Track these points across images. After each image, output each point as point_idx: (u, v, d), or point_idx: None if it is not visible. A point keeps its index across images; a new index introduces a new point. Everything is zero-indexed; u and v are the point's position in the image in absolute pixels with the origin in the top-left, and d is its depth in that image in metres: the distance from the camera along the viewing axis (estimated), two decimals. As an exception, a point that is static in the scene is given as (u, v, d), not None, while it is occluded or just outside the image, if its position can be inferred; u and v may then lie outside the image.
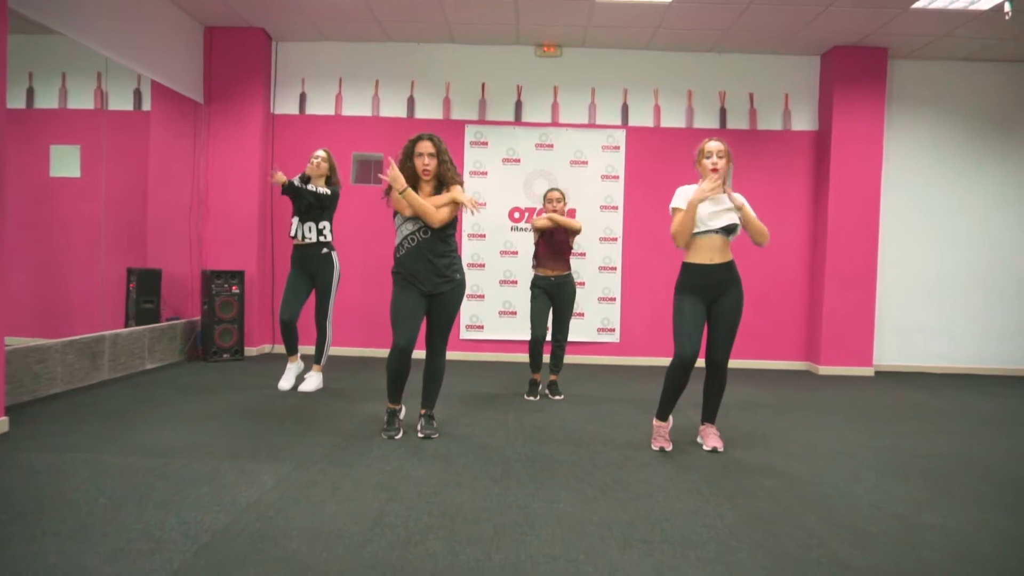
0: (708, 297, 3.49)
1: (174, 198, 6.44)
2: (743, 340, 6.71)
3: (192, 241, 6.46)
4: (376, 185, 6.60)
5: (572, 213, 6.61)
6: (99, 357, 4.96)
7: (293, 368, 4.97)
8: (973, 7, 5.36)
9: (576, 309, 6.56)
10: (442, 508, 2.63)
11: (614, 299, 6.70)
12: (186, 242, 6.44)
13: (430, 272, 3.54)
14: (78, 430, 3.60)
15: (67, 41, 4.82)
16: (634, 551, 2.29)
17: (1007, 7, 5.15)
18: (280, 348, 6.64)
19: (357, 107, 6.72)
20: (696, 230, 3.46)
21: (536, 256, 4.80)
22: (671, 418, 3.66)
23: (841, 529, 2.54)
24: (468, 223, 6.65)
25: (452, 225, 3.65)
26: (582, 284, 6.53)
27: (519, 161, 6.68)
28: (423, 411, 3.77)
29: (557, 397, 4.85)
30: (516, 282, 6.63)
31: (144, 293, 5.94)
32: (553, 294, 4.75)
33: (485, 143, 6.68)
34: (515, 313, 6.64)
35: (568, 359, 6.27)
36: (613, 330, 6.70)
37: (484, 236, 6.68)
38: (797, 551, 2.33)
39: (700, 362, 3.47)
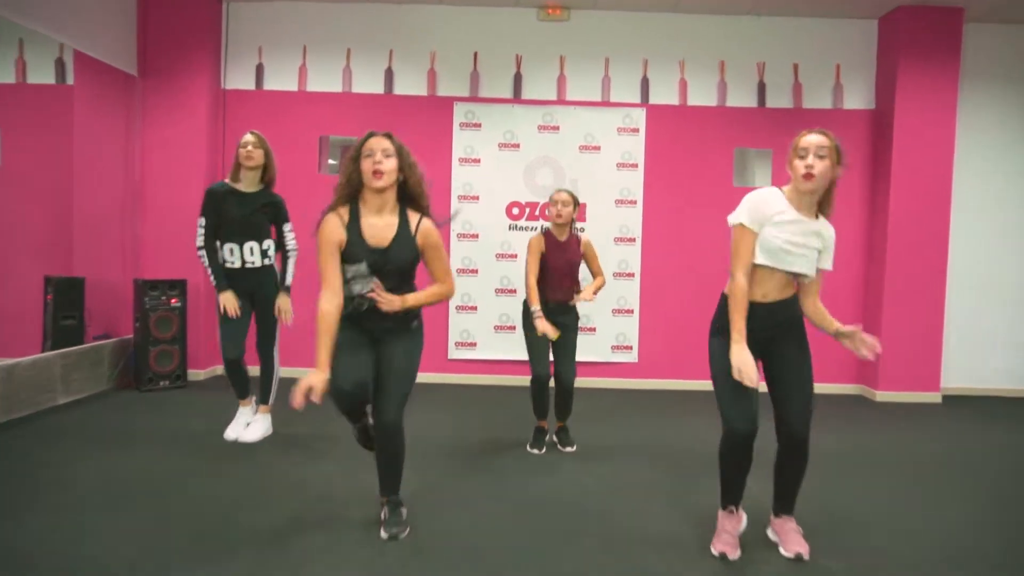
0: (761, 345, 2.45)
1: (104, 191, 5.35)
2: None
3: (125, 243, 5.38)
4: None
5: (583, 210, 5.56)
6: (-13, 396, 3.91)
7: (246, 412, 3.92)
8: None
9: (588, 323, 5.57)
10: None
11: (631, 311, 5.64)
12: (118, 245, 5.36)
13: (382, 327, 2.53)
14: (-99, 529, 2.55)
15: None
16: None
17: None
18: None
19: (325, 81, 5.61)
20: (761, 261, 2.41)
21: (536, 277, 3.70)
22: (742, 510, 2.63)
23: None
24: (457, 221, 5.57)
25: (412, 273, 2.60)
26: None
27: (518, 146, 5.59)
28: (384, 499, 2.71)
29: (568, 448, 3.80)
30: (515, 291, 5.57)
31: (64, 307, 4.87)
32: (554, 324, 3.66)
33: (478, 125, 5.58)
34: (513, 328, 5.58)
35: (579, 382, 5.24)
36: (630, 348, 5.65)
37: (477, 237, 5.60)
38: None
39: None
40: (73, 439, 3.75)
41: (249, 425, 3.87)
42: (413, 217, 2.52)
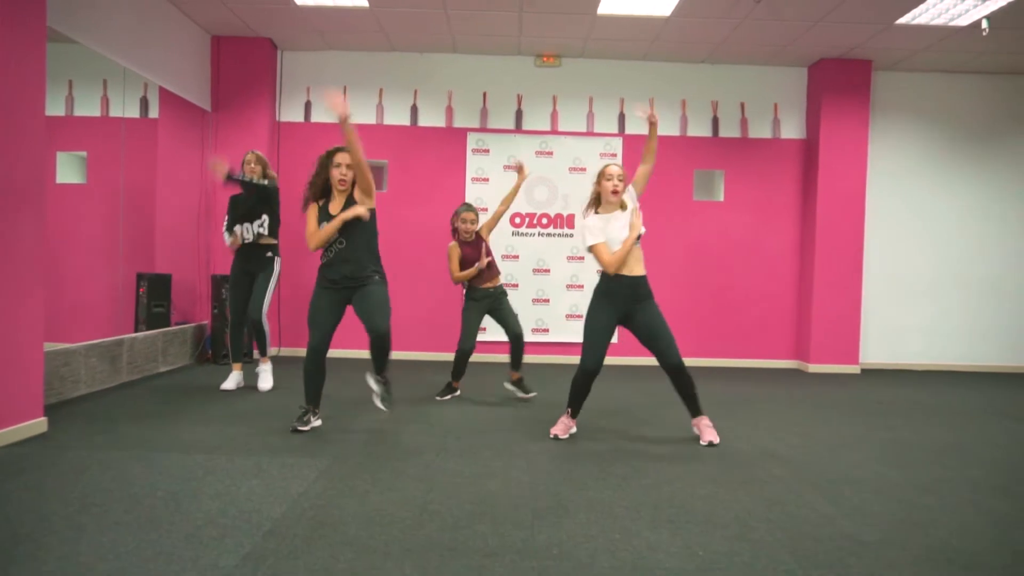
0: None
1: (182, 205, 6.55)
2: (736, 339, 7.01)
3: (199, 247, 6.58)
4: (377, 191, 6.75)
5: (571, 219, 6.85)
6: (118, 360, 5.08)
7: (239, 376, 5.05)
8: (953, 23, 5.68)
9: (574, 311, 6.87)
10: (480, 496, 2.82)
11: (612, 301, 6.93)
12: (194, 247, 6.56)
13: (348, 274, 3.73)
14: (116, 430, 3.74)
15: (73, 49, 4.92)
16: (664, 530, 2.51)
17: (984, 24, 5.47)
18: (287, 351, 6.79)
19: (362, 115, 6.88)
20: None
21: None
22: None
23: (849, 510, 2.77)
24: (470, 228, 6.83)
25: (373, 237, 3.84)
26: (580, 287, 6.80)
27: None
28: (377, 377, 3.78)
29: (531, 394, 4.90)
30: (517, 285, 6.83)
31: (155, 297, 6.04)
32: (490, 307, 4.87)
33: (486, 150, 6.88)
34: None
35: (564, 359, 6.51)
36: (611, 331, 6.93)
37: (486, 241, 6.87)
38: (811, 529, 2.56)
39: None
40: (190, 390, 4.95)
41: (259, 375, 5.02)
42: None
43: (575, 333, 6.77)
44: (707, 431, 3.81)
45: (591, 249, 3.76)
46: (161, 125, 6.60)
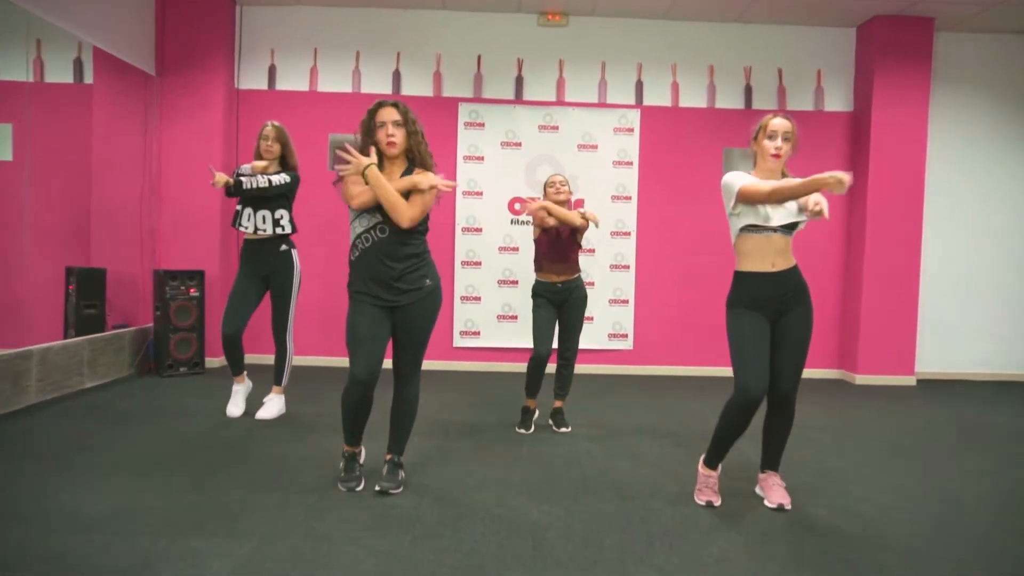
0: (770, 313, 2.77)
1: (122, 186, 5.54)
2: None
3: (143, 236, 5.59)
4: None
5: (579, 204, 5.87)
6: (24, 377, 4.10)
7: (241, 390, 4.13)
8: (1046, -32, 4.69)
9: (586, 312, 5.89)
10: (463, 623, 1.87)
11: (627, 301, 5.95)
12: (136, 237, 5.57)
13: (388, 280, 2.77)
14: (-25, 486, 2.78)
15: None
16: None
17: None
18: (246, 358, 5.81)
19: (335, 82, 5.87)
20: (748, 222, 2.75)
21: (536, 258, 4.00)
22: (720, 466, 2.92)
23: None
24: (462, 216, 5.86)
25: (420, 223, 2.84)
26: (591, 284, 5.81)
27: (520, 145, 5.88)
28: (388, 456, 2.97)
29: (563, 429, 4.00)
30: (517, 282, 5.85)
31: (86, 296, 5.06)
32: (559, 303, 3.95)
33: (481, 124, 5.88)
34: (515, 317, 5.86)
35: (577, 368, 5.54)
36: (626, 336, 5.96)
37: (480, 230, 5.89)
38: None
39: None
40: (110, 416, 3.97)
41: (264, 404, 4.08)
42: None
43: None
44: (776, 490, 2.84)
45: (739, 193, 2.70)
46: (97, 92, 5.59)
